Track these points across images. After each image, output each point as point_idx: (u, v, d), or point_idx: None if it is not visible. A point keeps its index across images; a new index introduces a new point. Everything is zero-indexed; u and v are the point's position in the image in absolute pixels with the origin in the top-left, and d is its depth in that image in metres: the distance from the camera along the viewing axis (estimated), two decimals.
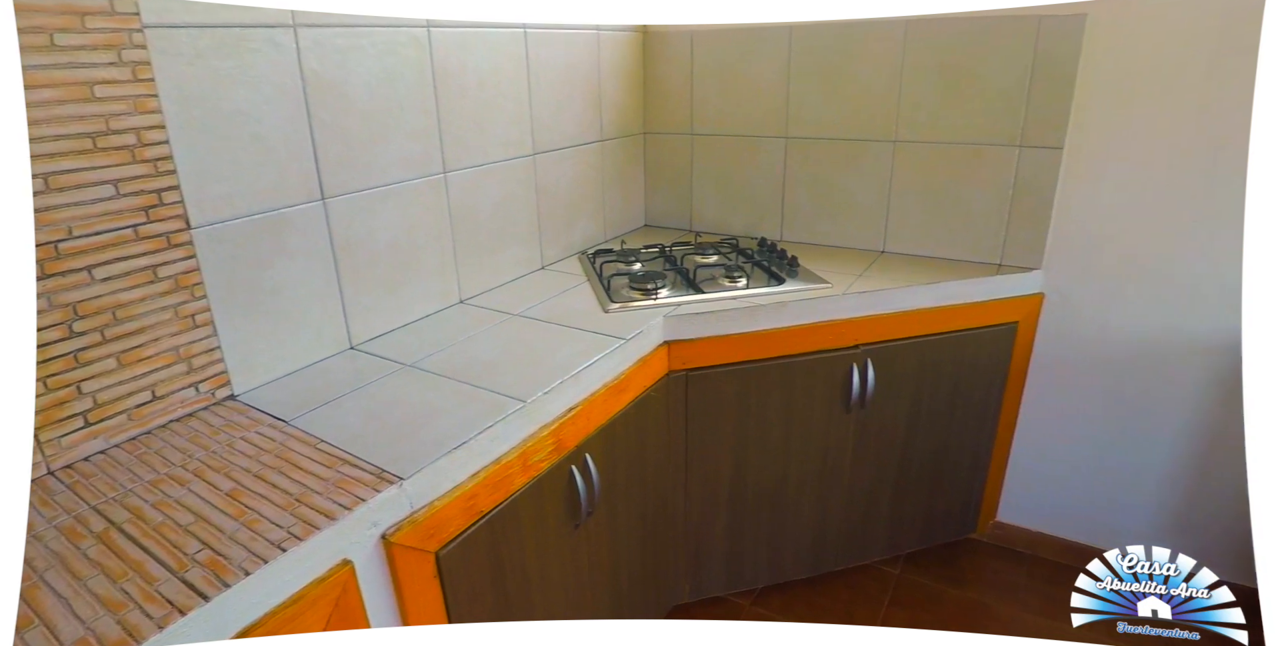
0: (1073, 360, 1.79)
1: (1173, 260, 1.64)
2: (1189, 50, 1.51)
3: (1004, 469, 1.93)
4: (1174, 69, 1.54)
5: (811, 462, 1.70)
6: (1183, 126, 1.56)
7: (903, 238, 1.90)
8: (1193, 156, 1.57)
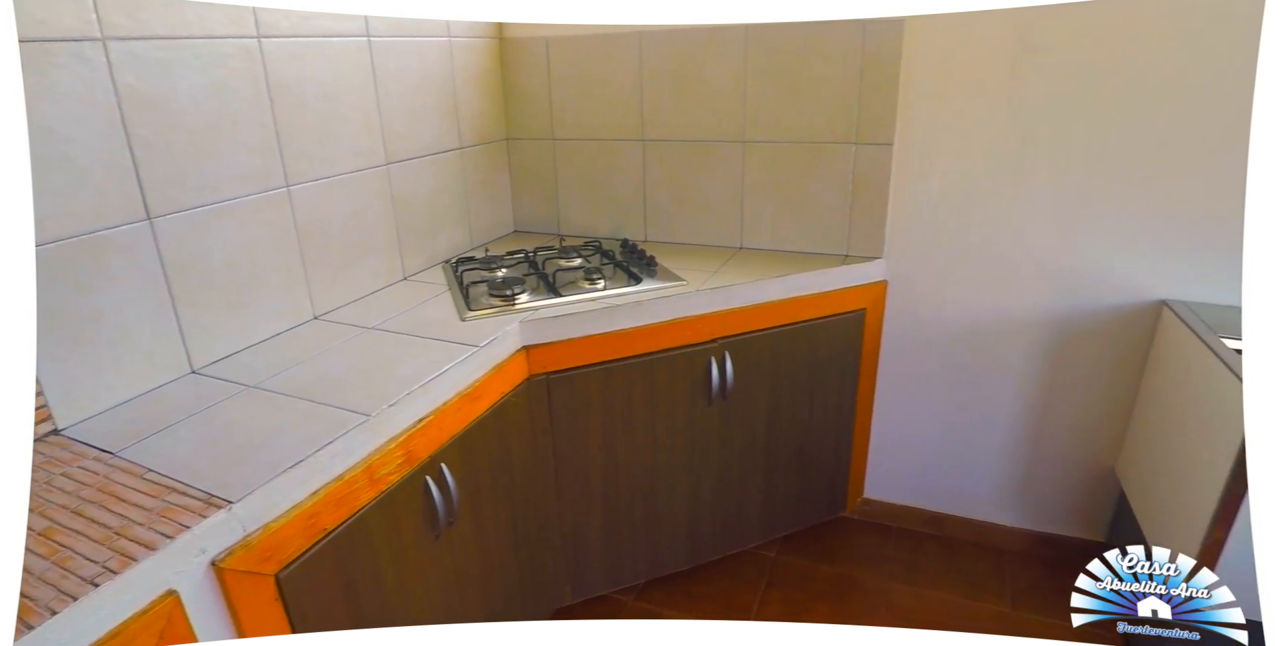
0: (917, 341, 1.91)
1: (994, 245, 1.78)
2: (992, 51, 1.65)
3: (866, 447, 2.04)
4: (981, 68, 1.67)
5: (680, 456, 1.75)
6: (993, 122, 1.70)
7: (758, 233, 1.99)
8: (1004, 149, 1.70)
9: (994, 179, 1.74)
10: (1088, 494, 1.88)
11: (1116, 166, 1.63)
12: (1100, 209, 1.67)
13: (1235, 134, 1.52)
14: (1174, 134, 1.57)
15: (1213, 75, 1.50)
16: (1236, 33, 1.45)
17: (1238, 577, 1.37)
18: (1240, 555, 1.34)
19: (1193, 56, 1.50)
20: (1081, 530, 1.92)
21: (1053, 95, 1.63)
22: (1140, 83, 1.56)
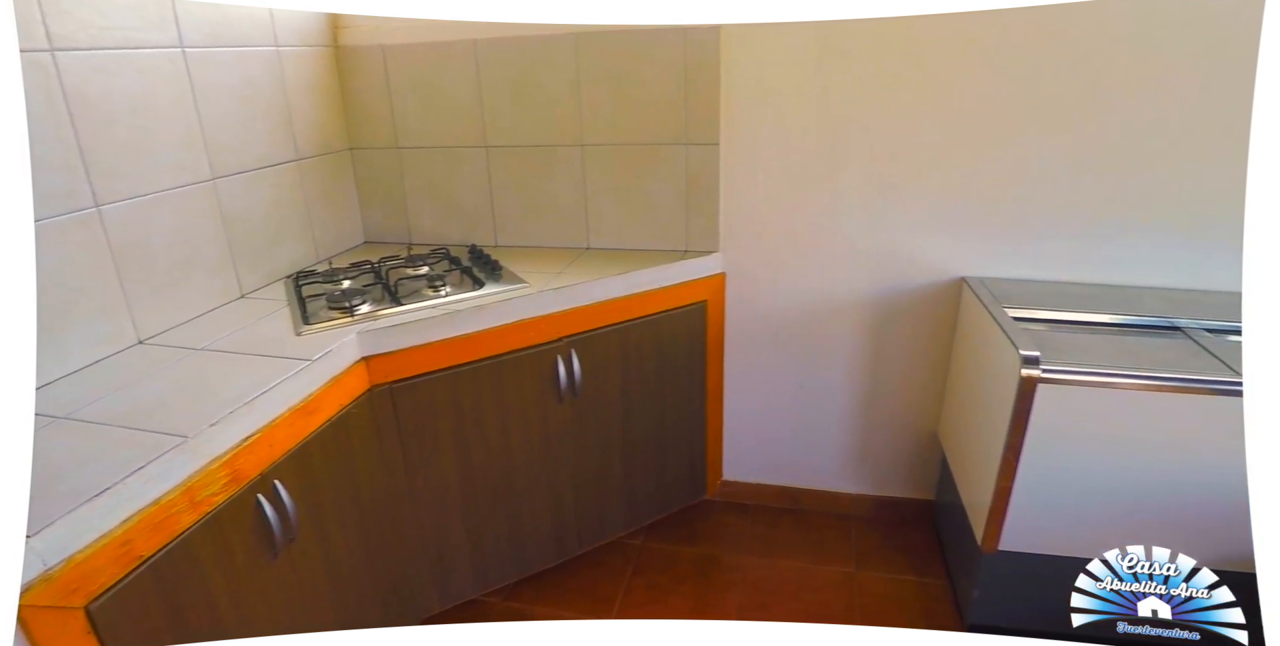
0: (757, 327, 2.03)
1: (816, 234, 1.92)
2: (799, 55, 1.77)
3: (720, 432, 2.15)
4: (791, 71, 1.79)
5: (536, 455, 1.79)
6: (806, 120, 1.83)
7: (603, 234, 2.05)
8: (818, 145, 1.84)
9: (811, 173, 1.87)
10: (917, 457, 2.06)
11: (915, 159, 1.79)
12: (904, 198, 1.83)
13: (1017, 127, 1.72)
14: (961, 128, 1.74)
15: (993, 74, 1.68)
16: (1019, 33, 1.64)
17: (1024, 519, 1.55)
18: (1025, 499, 1.51)
19: (974, 57, 1.68)
20: (915, 491, 2.10)
21: (856, 95, 1.77)
22: (930, 82, 1.72)
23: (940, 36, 1.68)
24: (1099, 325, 1.66)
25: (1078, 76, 1.65)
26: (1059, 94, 1.68)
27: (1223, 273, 1.76)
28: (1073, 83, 1.66)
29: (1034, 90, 1.69)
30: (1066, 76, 1.66)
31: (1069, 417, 1.45)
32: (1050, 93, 1.68)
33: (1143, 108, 1.65)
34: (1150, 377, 1.42)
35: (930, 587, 1.84)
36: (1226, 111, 1.61)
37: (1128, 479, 1.48)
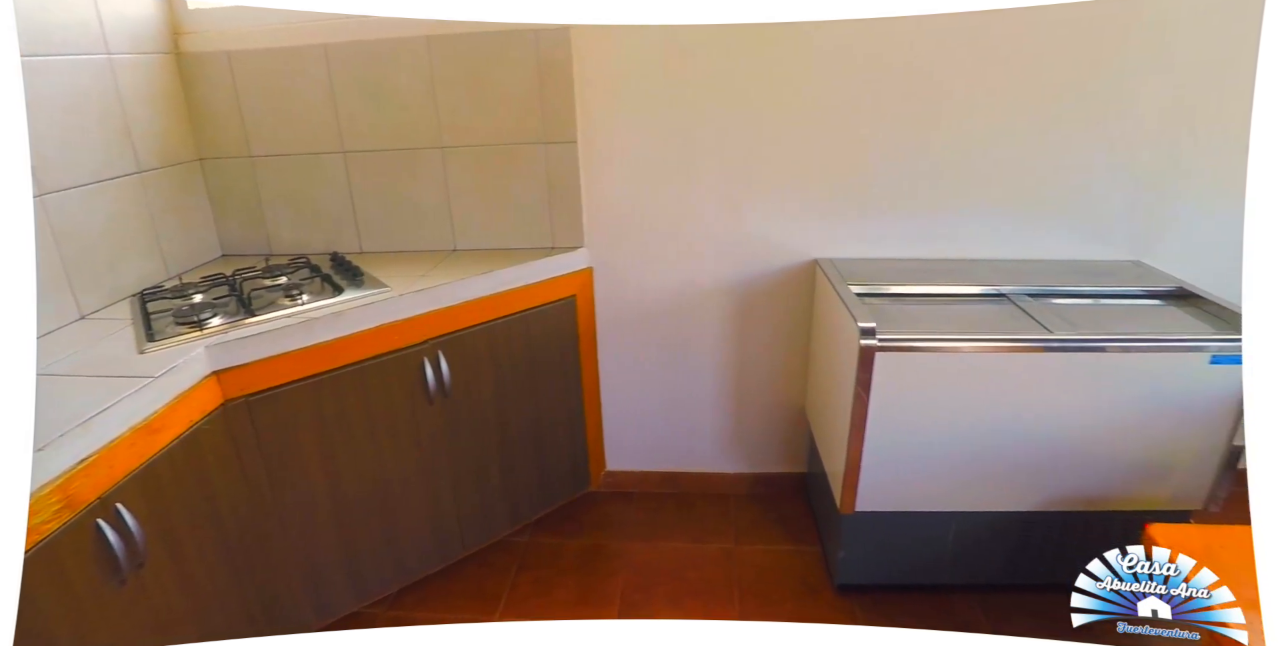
0: (628, 319, 2.08)
1: (677, 226, 1.98)
2: (648, 53, 1.83)
3: (600, 424, 2.19)
4: (641, 69, 1.85)
5: (409, 459, 1.78)
6: (659, 117, 1.88)
7: (470, 235, 2.06)
8: (672, 140, 1.90)
9: (668, 167, 1.93)
10: (789, 433, 2.17)
11: (766, 151, 1.88)
12: (758, 188, 1.92)
13: (858, 120, 1.84)
14: (807, 122, 1.85)
15: (835, 71, 1.80)
16: (856, 32, 1.75)
17: (875, 480, 1.66)
18: (875, 461, 1.62)
19: (815, 55, 1.79)
20: (788, 466, 2.21)
21: (706, 91, 1.85)
22: (776, 78, 1.82)
23: (784, 35, 1.78)
24: (935, 296, 1.80)
25: (912, 74, 1.79)
26: (895, 90, 1.81)
27: (1042, 243, 1.95)
28: (907, 79, 1.80)
29: (873, 86, 1.81)
30: (902, 73, 1.80)
31: (907, 381, 1.56)
32: (887, 88, 1.81)
33: (969, 102, 1.81)
34: (976, 340, 1.55)
35: (805, 554, 1.94)
36: (1040, 103, 1.80)
37: (964, 434, 1.61)
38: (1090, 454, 1.63)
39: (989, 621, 1.72)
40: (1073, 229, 1.95)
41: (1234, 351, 1.54)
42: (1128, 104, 1.81)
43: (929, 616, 1.73)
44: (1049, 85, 1.79)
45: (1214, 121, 1.82)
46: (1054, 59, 1.77)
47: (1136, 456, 1.63)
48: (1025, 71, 1.78)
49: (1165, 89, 1.79)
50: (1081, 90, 1.79)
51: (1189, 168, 1.87)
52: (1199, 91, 1.79)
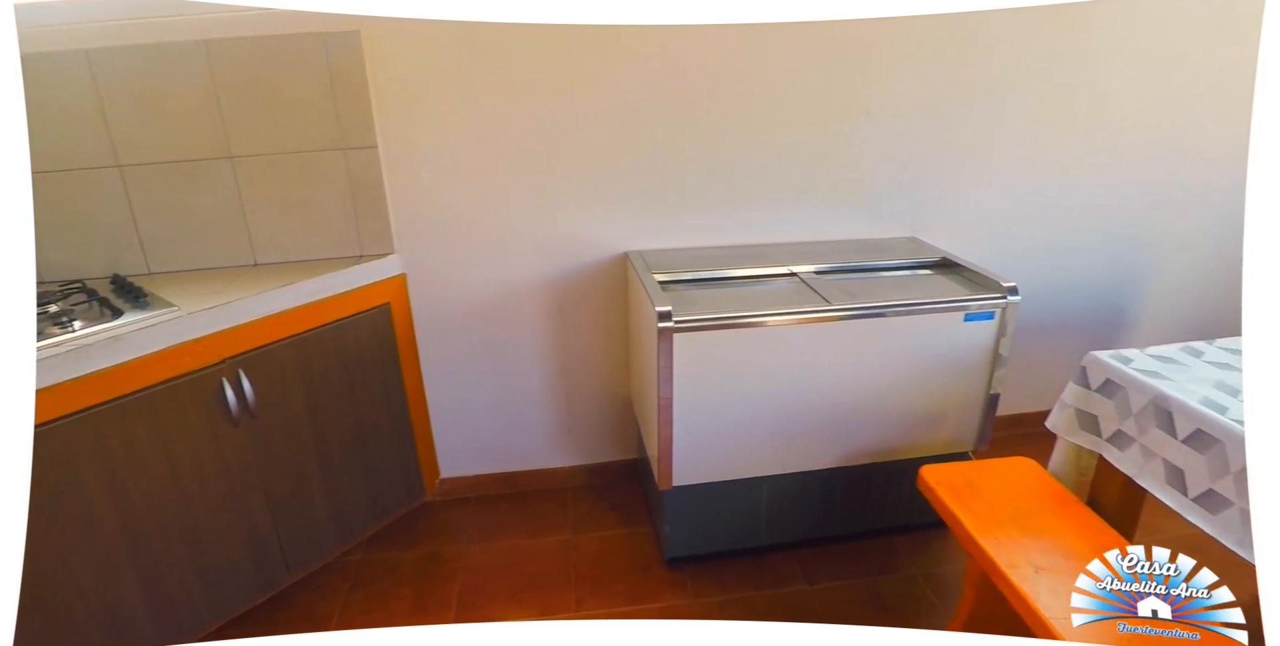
0: (448, 323, 2.07)
1: (489, 227, 1.99)
2: (444, 55, 1.82)
3: (429, 432, 2.16)
4: (440, 71, 1.84)
5: (216, 487, 1.67)
6: (463, 118, 1.88)
7: (270, 248, 1.96)
8: (478, 141, 1.90)
9: (475, 168, 1.94)
10: (618, 422, 2.23)
11: (571, 149, 1.93)
12: (566, 185, 1.96)
13: (658, 118, 1.92)
14: (610, 120, 1.91)
15: (634, 71, 1.87)
16: (654, 33, 1.83)
17: (687, 455, 1.75)
18: (685, 436, 1.71)
19: (615, 55, 1.85)
20: (620, 453, 2.28)
21: (507, 90, 1.87)
22: (576, 78, 1.86)
23: (582, 37, 1.83)
24: (733, 279, 1.92)
25: (706, 75, 1.90)
26: (691, 90, 1.91)
27: (829, 225, 2.14)
28: (702, 80, 1.91)
29: (670, 87, 1.91)
30: (697, 74, 1.90)
31: (706, 359, 1.66)
32: (683, 89, 1.91)
33: (758, 100, 1.95)
34: (764, 315, 1.67)
35: (638, 536, 2.01)
36: (819, 100, 1.98)
37: (764, 403, 1.74)
38: (877, 410, 1.80)
39: (804, 574, 1.86)
40: (855, 211, 2.15)
41: (982, 309, 1.76)
42: (891, 98, 2.02)
43: (752, 577, 1.85)
44: (827, 84, 1.98)
45: (962, 112, 2.08)
46: (828, 62, 1.96)
47: (915, 408, 1.82)
48: (805, 72, 1.95)
49: (919, 83, 2.02)
50: (852, 88, 1.99)
51: (946, 153, 2.12)
52: (948, 85, 2.04)
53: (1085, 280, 2.41)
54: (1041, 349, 2.43)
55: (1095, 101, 2.15)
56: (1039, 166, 2.21)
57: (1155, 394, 1.43)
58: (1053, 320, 2.43)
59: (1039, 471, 1.57)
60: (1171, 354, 1.58)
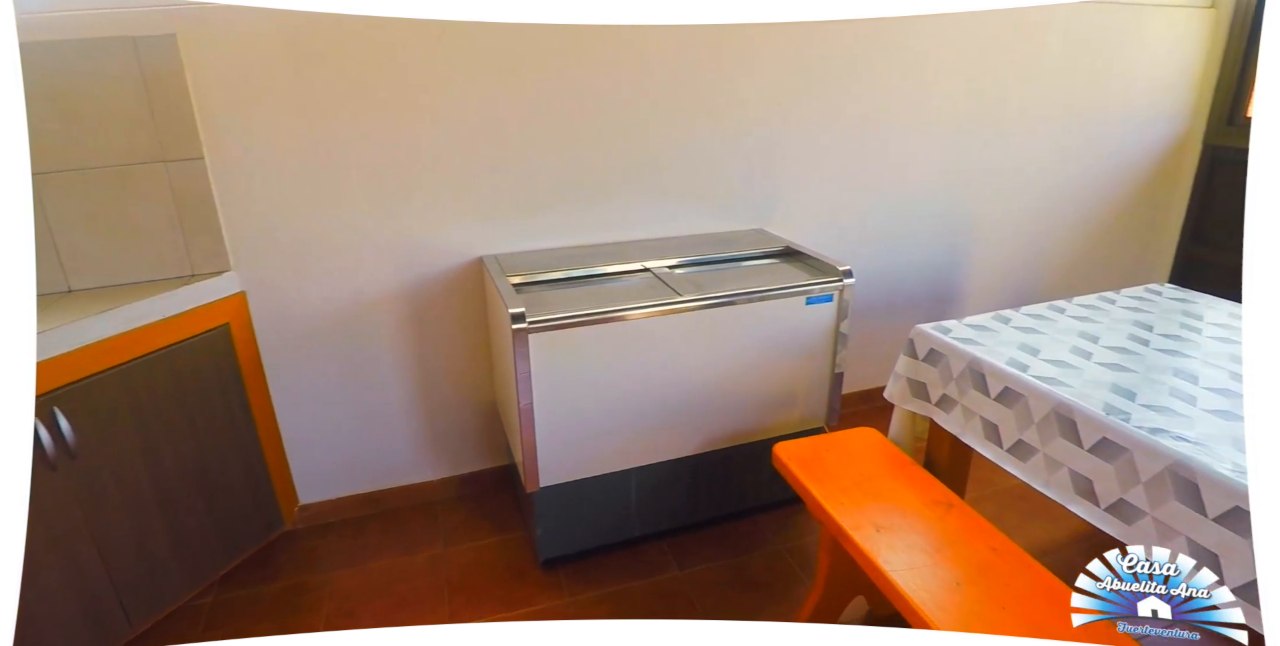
0: (298, 340, 1.97)
1: (334, 237, 1.91)
2: (272, 60, 1.73)
3: (283, 458, 2.04)
4: (267, 77, 1.75)
5: (34, 538, 1.51)
6: (296, 125, 1.79)
7: (85, 272, 1.80)
8: (315, 149, 1.81)
9: (315, 177, 1.85)
10: (485, 429, 2.20)
11: (416, 154, 1.88)
12: (414, 191, 1.91)
13: (502, 120, 1.91)
14: (456, 122, 1.88)
15: (472, 73, 1.85)
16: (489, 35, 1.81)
17: (552, 454, 1.76)
18: (548, 436, 1.71)
19: (452, 56, 1.82)
20: (491, 460, 2.24)
21: (342, 95, 1.80)
22: (414, 80, 1.82)
23: (414, 38, 1.79)
24: (589, 277, 1.94)
25: (552, 75, 1.92)
26: (538, 90, 1.92)
27: (682, 221, 2.20)
28: (549, 81, 1.92)
29: (513, 87, 1.90)
30: (543, 74, 1.91)
31: (563, 357, 1.67)
32: (528, 89, 1.91)
33: (606, 100, 1.98)
34: (617, 310, 1.70)
35: (512, 542, 1.98)
36: (667, 100, 2.04)
37: (624, 396, 1.77)
38: (733, 395, 1.88)
39: (677, 561, 1.90)
40: (706, 207, 2.23)
41: (821, 292, 1.87)
42: (733, 98, 2.11)
43: (627, 569, 1.87)
44: (673, 84, 2.04)
45: (802, 110, 2.21)
46: (677, 62, 2.02)
47: (768, 390, 1.91)
48: (653, 72, 2.01)
49: (758, 86, 2.13)
50: (695, 88, 2.06)
51: (789, 149, 2.24)
52: (788, 85, 2.16)
53: (916, 261, 2.61)
54: (883, 326, 2.62)
55: (916, 99, 2.35)
56: (871, 159, 2.38)
57: (970, 359, 1.57)
58: (890, 299, 2.62)
59: (880, 439, 1.69)
60: (984, 322, 1.74)
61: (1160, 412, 1.31)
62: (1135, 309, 1.82)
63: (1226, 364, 1.51)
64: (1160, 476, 1.21)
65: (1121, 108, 2.72)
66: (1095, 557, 2.10)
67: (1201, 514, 1.15)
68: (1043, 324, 1.72)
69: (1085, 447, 1.32)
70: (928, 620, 1.16)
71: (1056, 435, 1.38)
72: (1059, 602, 1.20)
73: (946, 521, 1.40)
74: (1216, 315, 1.78)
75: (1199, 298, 1.90)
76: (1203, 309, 1.82)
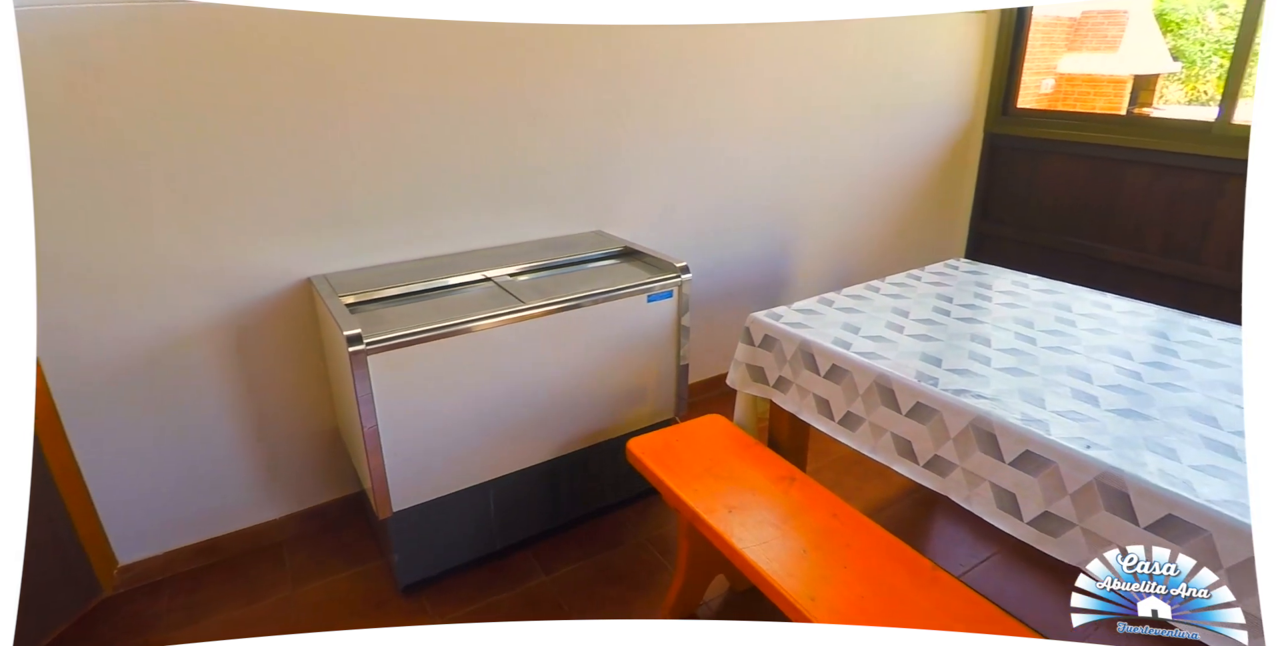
0: (103, 384, 1.75)
1: (132, 270, 1.68)
2: (42, 74, 1.51)
3: (94, 517, 1.81)
4: (37, 97, 1.50)
5: None
6: (77, 146, 1.56)
7: None
8: (107, 171, 1.59)
9: (109, 202, 1.63)
10: (329, 458, 2.07)
11: (225, 173, 1.71)
12: (228, 211, 1.74)
13: (322, 131, 1.80)
14: (266, 136, 1.74)
15: (285, 81, 1.72)
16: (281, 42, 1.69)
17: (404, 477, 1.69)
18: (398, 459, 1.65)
19: (259, 63, 1.68)
20: (339, 491, 2.11)
21: (129, 113, 1.60)
22: (215, 93, 1.66)
23: (218, 39, 1.64)
24: (428, 291, 1.88)
25: (374, 82, 1.82)
26: (359, 99, 1.82)
27: (521, 227, 2.18)
28: (369, 87, 1.82)
29: (333, 96, 1.79)
30: (361, 82, 1.81)
31: (406, 375, 1.61)
32: (349, 98, 1.81)
33: (428, 108, 1.91)
34: (460, 323, 1.66)
35: (369, 573, 1.89)
36: (492, 106, 2.00)
37: (474, 409, 1.73)
38: (584, 396, 1.89)
39: (543, 567, 1.89)
40: (543, 212, 2.22)
41: (662, 289, 1.92)
42: (564, 102, 2.12)
43: (492, 583, 1.83)
44: (499, 91, 2.00)
45: (630, 112, 2.25)
46: (503, 69, 1.99)
47: (618, 388, 1.94)
48: (478, 79, 1.96)
49: (585, 91, 2.14)
50: (522, 92, 2.04)
51: (617, 153, 2.28)
52: (612, 93, 2.19)
53: (749, 252, 2.75)
54: (723, 316, 2.73)
55: (734, 101, 2.46)
56: (699, 158, 2.47)
57: (801, 341, 1.67)
58: (727, 290, 2.74)
59: (726, 424, 1.76)
60: (811, 306, 1.86)
61: (962, 375, 1.46)
62: (938, 283, 2.02)
63: (1012, 326, 1.71)
64: (965, 431, 1.34)
65: (916, 102, 3.00)
66: (920, 508, 2.28)
67: (1000, 460, 1.29)
68: (861, 303, 1.87)
69: (903, 412, 1.45)
70: (779, 588, 1.23)
71: (879, 404, 1.50)
72: (894, 556, 1.31)
73: (790, 494, 1.48)
74: (1003, 284, 2.01)
75: (988, 269, 2.13)
76: (991, 279, 2.05)
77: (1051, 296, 1.90)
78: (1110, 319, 1.75)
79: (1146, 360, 1.54)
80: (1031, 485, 1.25)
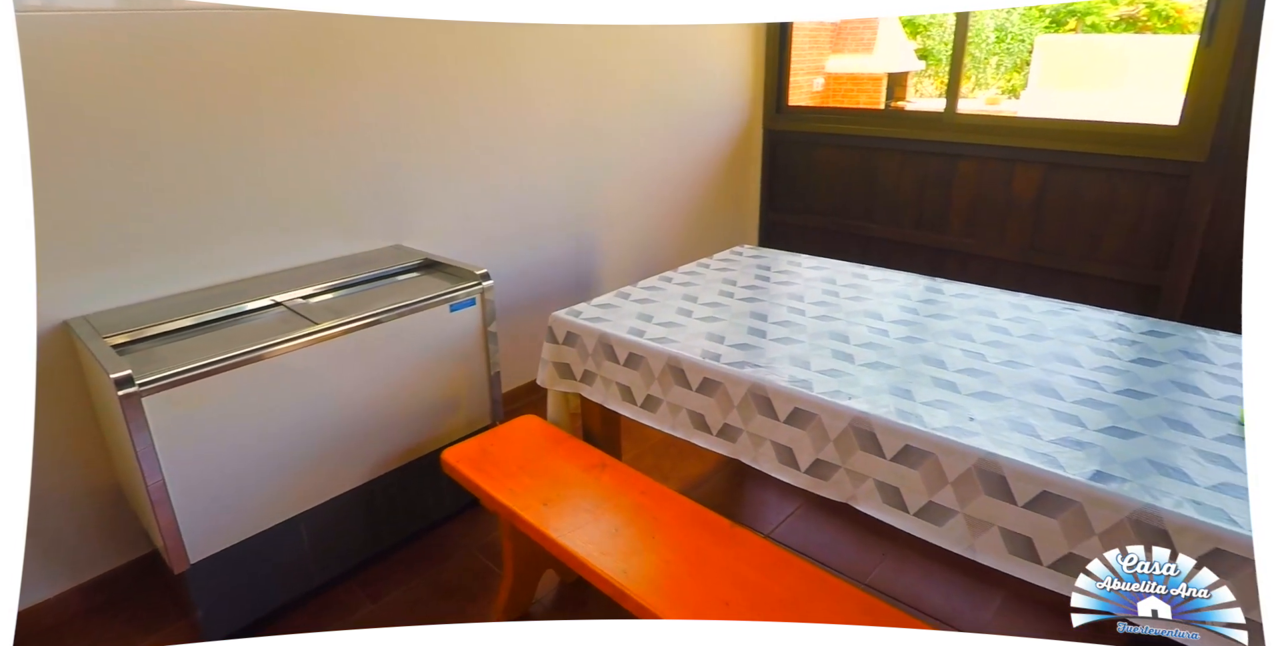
0: None
1: None
2: None
3: None
4: None
5: None
6: None
7: None
8: None
9: None
10: (113, 519, 1.85)
11: None
12: None
13: (78, 160, 1.60)
14: None
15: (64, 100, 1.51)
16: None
17: (199, 524, 1.58)
18: (190, 510, 1.53)
19: None
20: (129, 553, 1.86)
21: None
22: None
23: None
24: (210, 323, 1.75)
25: (120, 93, 1.65)
26: (102, 112, 1.64)
27: (313, 247, 2.09)
28: (115, 98, 1.65)
29: (77, 107, 1.61)
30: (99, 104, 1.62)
31: (192, 415, 1.50)
32: (92, 110, 1.63)
33: (197, 124, 1.77)
34: (249, 351, 1.57)
35: (174, 633, 1.70)
36: (275, 117, 1.91)
37: (275, 440, 1.64)
38: (395, 412, 1.85)
39: (369, 596, 1.83)
40: (334, 229, 2.13)
41: (466, 297, 1.92)
42: (346, 119, 2.05)
43: (316, 621, 1.75)
44: (275, 108, 1.91)
45: (418, 123, 2.21)
46: (283, 84, 1.90)
47: (431, 401, 1.92)
48: (239, 98, 1.84)
49: (371, 105, 2.09)
50: (304, 110, 1.95)
51: (410, 166, 2.24)
52: (400, 105, 2.15)
53: (553, 255, 2.80)
54: (533, 320, 2.75)
55: (524, 107, 2.50)
56: (495, 165, 2.48)
57: (599, 334, 1.74)
58: (536, 294, 2.77)
59: (540, 423, 1.80)
60: (609, 300, 1.94)
61: (743, 349, 1.60)
62: (724, 269, 2.18)
63: (787, 301, 1.88)
64: (746, 398, 1.47)
65: (698, 105, 3.20)
66: (734, 478, 2.43)
67: (776, 420, 1.43)
68: (655, 294, 1.98)
69: (694, 389, 1.56)
70: (594, 568, 1.28)
71: (673, 384, 1.60)
72: (698, 522, 1.41)
73: (602, 480, 1.55)
74: (780, 264, 2.21)
75: (769, 253, 2.33)
76: (770, 261, 2.24)
77: (819, 272, 2.12)
78: (866, 287, 1.98)
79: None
80: (802, 438, 1.40)
